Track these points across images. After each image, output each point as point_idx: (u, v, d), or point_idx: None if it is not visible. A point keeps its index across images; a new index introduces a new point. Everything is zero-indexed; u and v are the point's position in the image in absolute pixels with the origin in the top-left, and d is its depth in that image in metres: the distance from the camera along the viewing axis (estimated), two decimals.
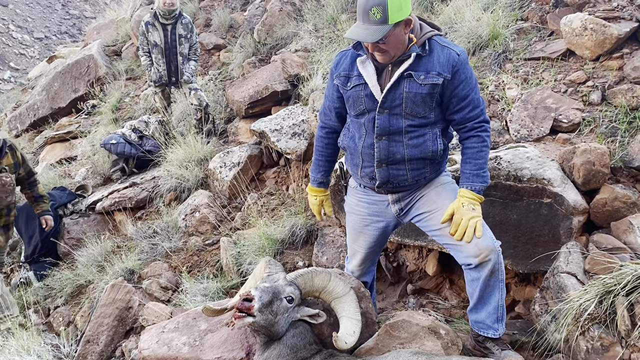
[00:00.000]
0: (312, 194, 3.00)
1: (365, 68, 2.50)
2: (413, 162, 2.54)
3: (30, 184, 4.79)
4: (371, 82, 2.48)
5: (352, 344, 2.32)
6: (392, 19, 2.28)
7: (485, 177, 2.53)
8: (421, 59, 2.42)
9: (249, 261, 4.26)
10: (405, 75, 2.42)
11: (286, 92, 6.33)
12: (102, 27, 11.85)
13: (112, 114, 8.57)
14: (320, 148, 2.89)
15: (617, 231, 2.94)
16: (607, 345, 2.36)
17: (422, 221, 2.68)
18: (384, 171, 2.57)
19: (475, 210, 2.47)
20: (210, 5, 10.06)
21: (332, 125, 2.82)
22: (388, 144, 2.52)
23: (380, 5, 2.26)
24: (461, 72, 2.43)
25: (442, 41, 2.47)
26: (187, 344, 2.64)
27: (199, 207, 5.41)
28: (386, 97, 2.46)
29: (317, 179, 2.95)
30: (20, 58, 25.24)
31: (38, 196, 4.87)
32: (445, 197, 2.60)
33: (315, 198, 2.98)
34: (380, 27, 2.28)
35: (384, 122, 2.49)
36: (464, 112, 2.49)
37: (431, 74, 2.41)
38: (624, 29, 3.79)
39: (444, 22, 5.14)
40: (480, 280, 2.49)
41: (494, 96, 4.11)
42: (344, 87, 2.59)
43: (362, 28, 2.32)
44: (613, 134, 3.36)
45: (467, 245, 2.45)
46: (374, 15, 2.27)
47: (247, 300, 2.25)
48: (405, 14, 2.32)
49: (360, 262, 2.95)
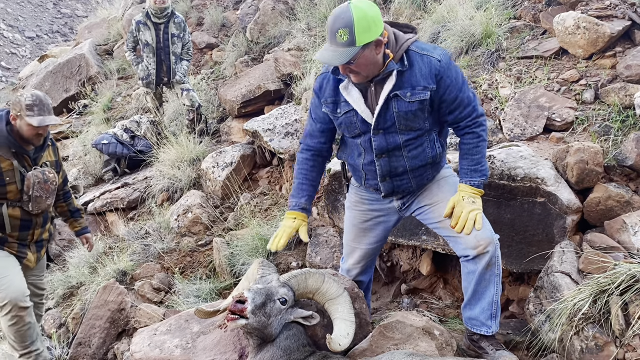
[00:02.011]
0: (289, 216, 2.65)
1: (350, 94, 2.45)
2: (415, 170, 2.57)
3: (66, 195, 3.87)
4: (359, 107, 2.44)
5: (346, 345, 2.30)
6: (360, 41, 2.20)
7: (484, 170, 2.54)
8: (403, 74, 2.36)
9: (242, 262, 4.23)
10: (392, 96, 2.38)
11: (279, 92, 6.31)
12: (94, 26, 11.77)
13: (104, 113, 8.51)
14: (305, 171, 2.70)
15: (611, 230, 2.94)
16: (601, 345, 2.36)
17: (422, 214, 2.71)
18: (388, 184, 2.61)
19: (475, 203, 2.49)
20: (203, 4, 10.01)
21: (319, 147, 2.71)
22: (389, 160, 2.54)
23: (346, 27, 2.18)
24: (445, 77, 2.38)
25: (420, 48, 2.39)
26: (179, 346, 2.61)
27: (191, 208, 5.37)
28: (378, 120, 2.44)
29: (300, 204, 2.64)
30: (12, 57, 25.04)
31: (75, 210, 3.96)
32: (446, 190, 2.64)
33: (293, 221, 2.61)
34: (348, 49, 2.21)
35: (381, 142, 2.49)
36: (455, 113, 2.48)
37: (417, 90, 2.37)
38: (616, 28, 3.79)
39: (437, 20, 5.14)
40: (477, 272, 2.51)
41: (487, 95, 4.10)
42: (333, 114, 2.54)
43: (330, 50, 2.25)
44: (606, 132, 3.36)
45: (467, 237, 2.47)
46: (340, 38, 2.20)
47: (240, 302, 2.22)
48: (374, 35, 2.23)
49: (359, 260, 2.94)
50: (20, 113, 3.15)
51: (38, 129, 3.20)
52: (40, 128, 3.20)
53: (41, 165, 3.43)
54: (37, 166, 3.39)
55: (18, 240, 3.41)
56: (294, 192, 2.71)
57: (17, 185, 3.28)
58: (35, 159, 3.39)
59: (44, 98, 3.23)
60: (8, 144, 3.21)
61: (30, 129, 3.19)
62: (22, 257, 3.44)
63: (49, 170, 3.45)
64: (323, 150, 2.73)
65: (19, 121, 3.19)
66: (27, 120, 3.14)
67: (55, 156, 3.60)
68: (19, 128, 3.21)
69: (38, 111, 3.17)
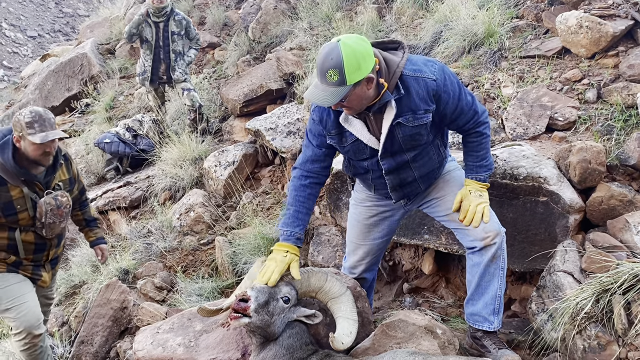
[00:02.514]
0: (281, 249, 2.46)
1: (351, 125, 2.44)
2: (424, 177, 2.64)
3: (82, 204, 3.65)
4: (365, 137, 2.45)
5: (349, 344, 2.31)
6: (350, 80, 2.16)
7: (489, 165, 2.62)
8: (401, 100, 2.35)
9: (245, 260, 4.24)
10: (395, 125, 2.39)
11: (281, 91, 6.31)
12: (96, 25, 11.78)
13: (106, 112, 8.52)
14: (303, 199, 2.56)
15: (614, 229, 2.94)
16: (603, 344, 2.36)
17: (429, 207, 2.76)
18: (398, 192, 2.66)
19: (483, 196, 2.57)
20: (205, 4, 10.02)
21: (318, 174, 2.61)
22: (398, 174, 2.58)
23: (336, 68, 2.14)
24: (443, 94, 2.38)
25: (413, 70, 2.34)
26: (182, 344, 2.61)
27: (193, 207, 5.38)
28: (385, 147, 2.46)
29: (295, 234, 2.50)
30: (13, 56, 25.07)
31: (90, 219, 3.72)
32: (453, 183, 2.70)
33: (285, 255, 2.43)
34: (338, 88, 2.18)
35: (390, 164, 2.53)
36: (458, 121, 2.53)
37: (419, 114, 2.38)
38: (619, 27, 3.79)
39: (439, 20, 5.13)
40: (482, 265, 2.54)
41: (489, 94, 4.10)
42: (339, 144, 2.53)
43: (321, 89, 2.22)
44: (609, 132, 3.36)
45: (474, 229, 2.53)
46: (330, 78, 2.16)
47: (243, 301, 2.23)
48: (364, 73, 2.18)
49: (363, 257, 2.95)
50: (22, 133, 2.94)
51: (43, 146, 2.97)
52: (45, 145, 2.97)
53: (54, 188, 3.21)
54: (49, 190, 3.17)
55: (33, 262, 3.28)
56: (288, 220, 2.54)
57: (29, 212, 3.11)
58: (47, 183, 3.17)
59: (44, 113, 3.01)
60: (16, 173, 3.01)
61: (35, 148, 2.97)
62: (36, 279, 3.32)
63: (62, 194, 3.23)
64: (322, 178, 2.64)
65: (23, 143, 2.98)
66: (30, 139, 2.93)
67: (68, 173, 3.35)
68: (24, 150, 2.99)
69: (39, 127, 2.95)
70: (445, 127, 2.60)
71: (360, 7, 6.62)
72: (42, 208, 3.11)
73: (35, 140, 2.93)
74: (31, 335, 3.17)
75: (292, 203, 2.56)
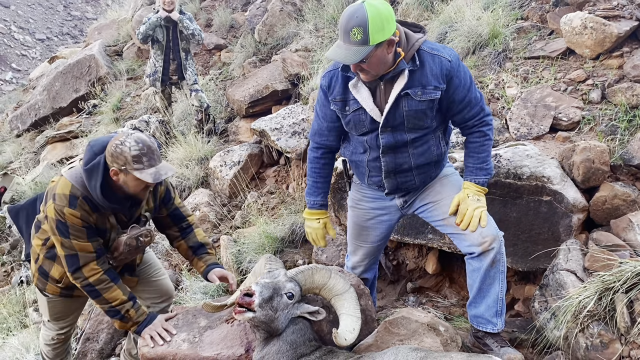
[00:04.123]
0: (312, 217, 2.78)
1: (359, 92, 2.45)
2: (420, 168, 2.58)
3: (184, 232, 3.01)
4: (368, 106, 2.45)
5: (352, 340, 2.32)
6: (374, 40, 2.19)
7: (489, 169, 2.57)
8: (414, 73, 2.37)
9: (249, 259, 4.26)
10: (403, 95, 2.39)
11: (286, 92, 6.35)
12: (104, 27, 11.88)
13: (113, 113, 8.59)
14: (318, 169, 2.75)
15: (617, 229, 2.94)
16: (606, 342, 2.36)
17: (426, 212, 2.72)
18: (392, 181, 2.62)
19: (480, 200, 2.53)
20: (212, 6, 10.09)
21: (329, 145, 2.71)
22: (394, 157, 2.55)
23: (360, 26, 2.17)
24: (455, 78, 2.40)
25: (431, 48, 2.39)
26: (186, 340, 2.63)
27: (199, 206, 5.41)
28: (387, 119, 2.45)
29: (317, 202, 2.76)
30: (22, 59, 25.29)
31: (197, 246, 3.02)
32: (450, 188, 2.65)
33: (318, 221, 2.77)
34: (361, 47, 2.20)
35: (388, 139, 2.50)
36: (463, 113, 2.51)
37: (428, 89, 2.38)
38: (624, 28, 3.79)
39: (444, 21, 5.15)
40: (482, 270, 2.52)
41: (493, 95, 4.11)
42: (342, 112, 2.55)
43: (343, 48, 2.24)
44: (613, 132, 3.36)
45: (471, 234, 2.49)
46: (354, 36, 2.19)
47: (247, 295, 2.25)
48: (387, 34, 2.22)
49: (363, 258, 2.96)
50: (126, 167, 2.46)
51: (150, 183, 2.54)
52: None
53: (138, 220, 2.78)
54: (134, 224, 2.76)
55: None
56: (310, 190, 2.77)
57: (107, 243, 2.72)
58: (132, 213, 2.75)
59: (151, 142, 2.52)
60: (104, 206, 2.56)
61: (138, 184, 2.53)
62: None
63: (146, 234, 2.78)
64: (334, 147, 2.74)
65: (122, 176, 2.51)
66: (136, 176, 2.46)
67: (154, 201, 2.85)
68: (122, 184, 2.54)
69: (148, 162, 2.47)
70: (451, 118, 2.56)
71: None
72: (120, 248, 2.72)
73: (147, 179, 2.46)
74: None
75: (310, 174, 2.76)
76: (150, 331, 2.69)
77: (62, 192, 2.54)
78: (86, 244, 2.57)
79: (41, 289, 2.92)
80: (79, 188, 2.55)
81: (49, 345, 3.18)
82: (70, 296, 2.91)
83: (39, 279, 2.87)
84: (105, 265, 2.66)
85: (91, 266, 2.60)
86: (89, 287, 2.62)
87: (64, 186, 2.56)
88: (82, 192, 2.54)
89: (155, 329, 2.69)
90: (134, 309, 2.69)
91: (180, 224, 3.00)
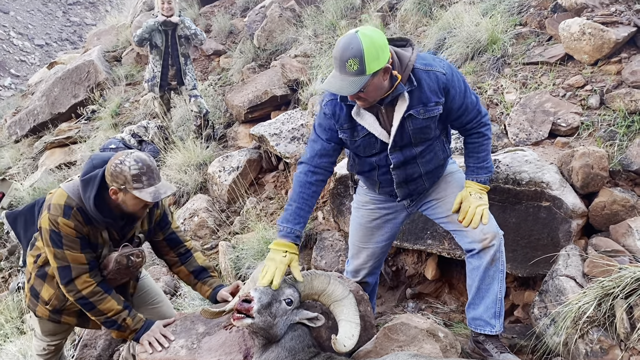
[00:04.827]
0: (279, 249, 2.41)
1: (363, 119, 2.46)
2: (429, 173, 2.65)
3: (182, 258, 2.95)
4: (377, 131, 2.47)
5: (351, 347, 2.31)
6: (370, 69, 2.21)
7: (489, 167, 2.64)
8: (413, 92, 2.40)
9: (248, 265, 4.25)
10: (406, 117, 2.43)
11: (285, 97, 6.35)
12: (103, 33, 11.90)
13: (112, 119, 8.59)
14: (306, 196, 2.51)
15: (616, 234, 2.94)
16: (606, 348, 2.35)
17: (430, 209, 2.77)
18: (404, 189, 2.67)
19: (482, 198, 2.59)
20: (211, 12, 10.12)
21: (325, 170, 2.58)
22: (405, 170, 2.60)
23: (356, 57, 2.18)
24: (451, 88, 2.45)
25: (424, 65, 2.40)
26: (184, 347, 2.62)
27: (197, 212, 5.40)
28: (395, 140, 2.49)
29: (295, 231, 2.46)
30: (21, 65, 25.31)
31: (199, 270, 2.96)
32: (454, 185, 2.71)
33: (285, 256, 2.39)
34: (358, 78, 2.22)
35: (398, 158, 2.55)
36: (461, 118, 2.57)
37: (429, 106, 2.42)
38: (622, 34, 3.80)
39: (443, 27, 5.16)
40: (481, 268, 2.55)
41: (492, 100, 4.11)
42: (351, 138, 2.55)
43: (340, 79, 2.25)
44: (611, 137, 3.37)
45: (473, 231, 2.55)
46: (350, 67, 2.20)
47: (246, 302, 2.24)
48: (382, 63, 2.24)
49: (367, 260, 2.96)
50: (125, 186, 2.47)
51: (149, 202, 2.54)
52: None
53: (131, 240, 2.74)
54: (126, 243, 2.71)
55: None
56: (289, 216, 2.49)
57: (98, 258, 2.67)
58: (124, 233, 2.71)
59: (150, 161, 2.54)
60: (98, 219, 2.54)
61: (137, 203, 2.53)
62: None
63: (138, 254, 2.71)
64: (328, 174, 2.63)
65: (122, 195, 2.51)
66: (135, 194, 2.47)
67: (149, 224, 2.82)
68: (121, 203, 2.54)
69: (147, 180, 2.48)
70: (450, 123, 2.63)
71: (365, 15, 6.67)
72: (110, 265, 2.66)
73: (146, 198, 2.47)
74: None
75: (296, 199, 2.51)
76: (148, 337, 2.67)
77: (57, 203, 2.54)
78: (79, 255, 2.55)
79: (33, 310, 2.89)
80: (74, 199, 2.55)
81: (41, 355, 3.16)
82: (59, 322, 2.87)
83: (31, 300, 2.85)
84: (98, 278, 2.63)
85: (84, 278, 2.57)
86: (83, 300, 2.60)
87: (60, 197, 2.56)
88: (77, 203, 2.54)
89: (153, 335, 2.68)
90: (130, 317, 2.67)
91: (177, 249, 2.96)
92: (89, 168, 2.60)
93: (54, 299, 2.74)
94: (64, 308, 2.77)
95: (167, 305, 3.19)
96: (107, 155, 2.67)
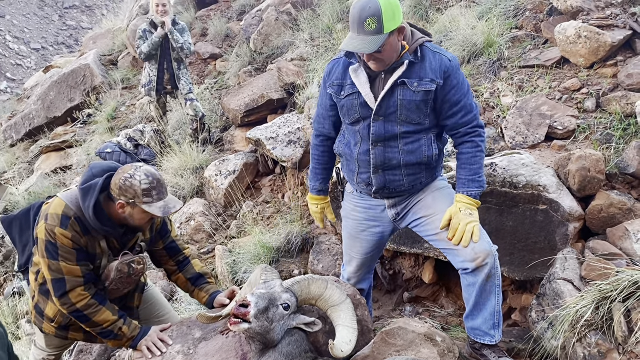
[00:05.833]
0: (312, 202, 2.98)
1: (357, 77, 2.51)
2: (409, 167, 2.55)
3: (180, 265, 2.93)
4: (364, 90, 2.48)
5: (348, 352, 2.30)
6: (387, 28, 2.28)
7: (481, 181, 2.54)
8: (413, 65, 2.44)
9: (244, 269, 4.23)
10: (399, 83, 2.43)
11: (282, 100, 6.34)
12: (99, 36, 11.87)
13: (108, 122, 8.56)
14: (317, 156, 2.89)
15: (613, 237, 2.94)
16: (604, 352, 2.35)
17: (418, 226, 2.69)
18: (380, 177, 2.59)
19: (472, 214, 2.49)
20: (207, 15, 10.10)
21: (326, 132, 2.82)
22: (384, 150, 2.54)
23: (375, 16, 2.27)
24: (452, 77, 2.45)
25: (434, 47, 2.49)
26: (180, 352, 2.60)
27: (194, 215, 5.38)
28: (380, 105, 2.47)
29: (315, 187, 2.93)
30: (17, 68, 25.26)
31: (196, 277, 2.93)
32: (442, 201, 2.61)
33: (316, 206, 2.97)
34: (376, 37, 2.29)
35: (379, 129, 2.51)
36: (456, 117, 2.50)
37: (424, 81, 2.43)
38: (617, 37, 3.82)
39: (439, 30, 5.17)
40: (477, 284, 2.49)
41: (488, 103, 4.12)
42: (337, 95, 2.60)
43: (358, 39, 2.32)
44: (608, 140, 3.37)
45: (464, 250, 2.46)
46: (369, 26, 2.28)
47: (242, 306, 2.22)
48: (398, 22, 2.33)
49: (357, 269, 2.94)
50: (134, 200, 2.44)
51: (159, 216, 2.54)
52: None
53: (131, 248, 2.69)
54: (126, 251, 2.66)
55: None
56: (310, 174, 2.95)
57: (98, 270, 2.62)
58: (124, 242, 2.67)
59: (159, 176, 2.52)
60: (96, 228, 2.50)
61: (144, 217, 2.52)
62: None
63: (138, 261, 2.67)
64: (331, 135, 2.83)
65: (129, 209, 2.48)
66: (144, 209, 2.45)
67: (150, 232, 2.78)
68: (128, 216, 2.51)
69: (157, 195, 2.47)
70: (443, 120, 2.53)
71: None
72: (111, 274, 2.61)
73: (156, 212, 2.46)
74: None
75: (311, 160, 2.93)
76: (146, 342, 2.64)
77: (54, 212, 2.49)
78: (74, 267, 2.50)
79: (39, 327, 2.84)
80: (72, 208, 2.50)
81: None
82: (66, 338, 2.83)
83: (36, 317, 2.80)
84: (92, 290, 2.58)
85: (78, 291, 2.52)
86: (77, 313, 2.55)
87: (57, 206, 2.51)
88: (75, 213, 2.50)
89: (151, 340, 2.65)
90: (125, 325, 2.63)
91: (176, 257, 2.94)
92: (88, 177, 2.55)
93: (59, 316, 2.69)
94: (70, 324, 2.72)
95: (174, 317, 3.13)
96: (107, 164, 2.64)
